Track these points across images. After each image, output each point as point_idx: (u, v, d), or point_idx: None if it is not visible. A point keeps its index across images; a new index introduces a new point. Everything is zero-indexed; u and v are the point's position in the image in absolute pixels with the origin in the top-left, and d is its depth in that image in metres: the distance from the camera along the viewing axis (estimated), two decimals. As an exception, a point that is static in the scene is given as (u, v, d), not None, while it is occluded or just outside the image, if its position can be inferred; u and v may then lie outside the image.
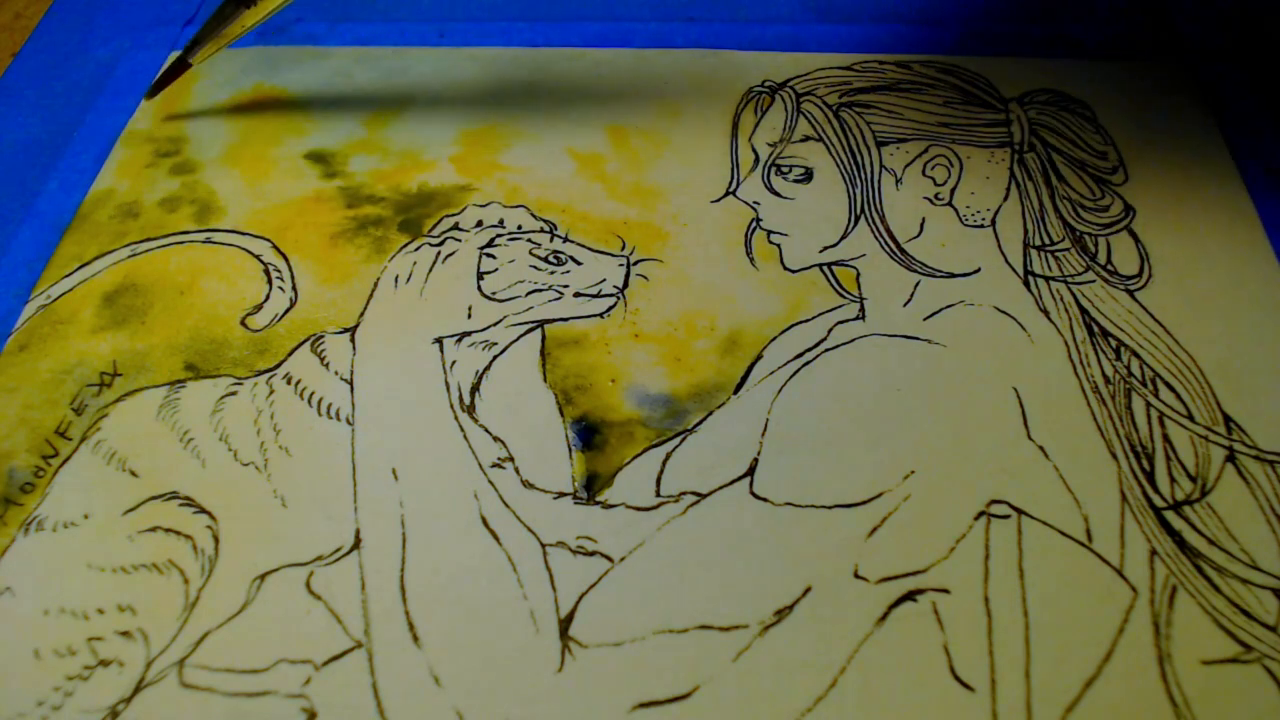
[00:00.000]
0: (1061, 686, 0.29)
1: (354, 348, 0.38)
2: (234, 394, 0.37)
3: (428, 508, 0.34)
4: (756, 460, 0.35)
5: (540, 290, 0.40)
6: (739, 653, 0.30)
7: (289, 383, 0.37)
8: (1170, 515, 0.33)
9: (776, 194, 0.43)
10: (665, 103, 0.47)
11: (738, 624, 0.31)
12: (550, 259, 0.40)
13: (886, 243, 0.41)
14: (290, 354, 0.38)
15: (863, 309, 0.39)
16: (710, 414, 0.36)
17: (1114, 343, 0.37)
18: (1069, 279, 0.39)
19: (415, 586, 0.32)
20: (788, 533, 0.33)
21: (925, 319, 0.38)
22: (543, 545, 0.33)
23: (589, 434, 0.36)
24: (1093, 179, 0.42)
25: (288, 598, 0.32)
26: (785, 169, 0.43)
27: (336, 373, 0.37)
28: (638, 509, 0.34)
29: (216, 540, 0.33)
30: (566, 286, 0.40)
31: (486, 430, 0.36)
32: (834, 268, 0.40)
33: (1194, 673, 0.30)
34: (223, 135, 0.47)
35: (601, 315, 0.39)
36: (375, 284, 0.40)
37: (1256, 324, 0.38)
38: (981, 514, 0.33)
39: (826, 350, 0.37)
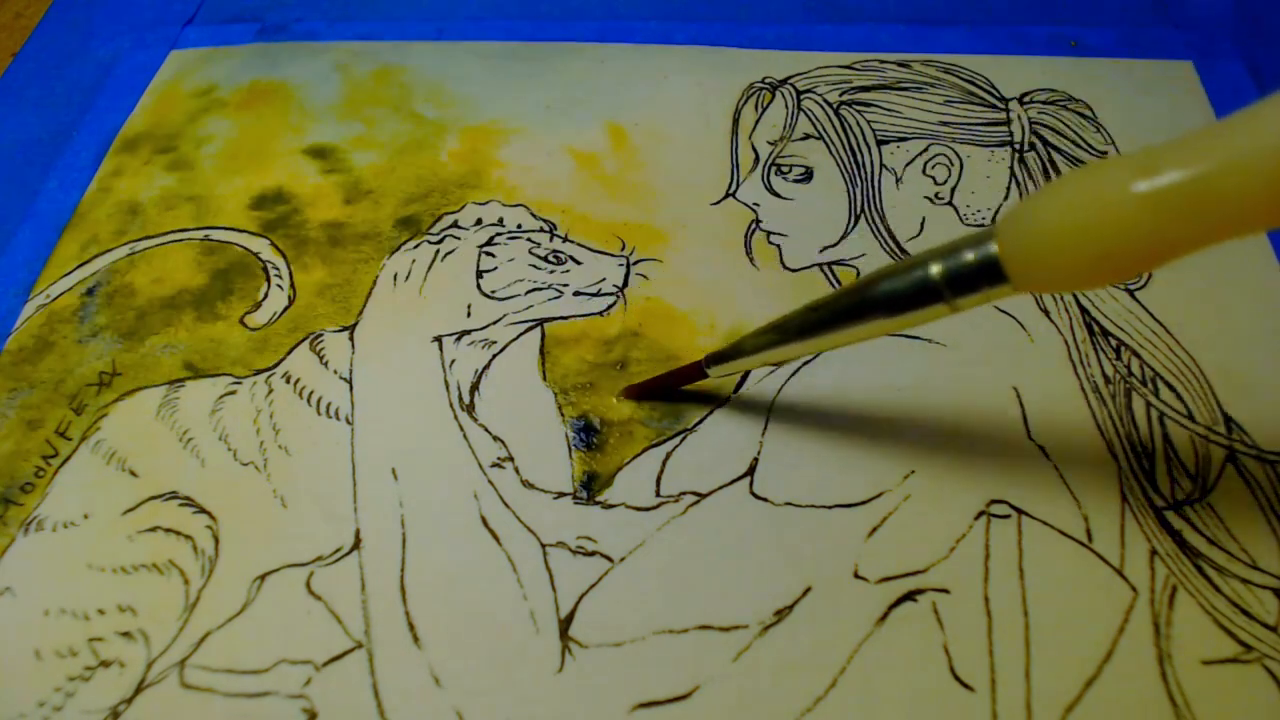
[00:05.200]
0: (1061, 686, 0.29)
1: (353, 346, 0.38)
2: (233, 393, 0.37)
3: (428, 508, 0.34)
4: (756, 460, 0.35)
5: (540, 289, 0.40)
6: (739, 653, 0.30)
7: (288, 382, 0.37)
8: (1170, 515, 0.33)
9: (776, 194, 0.43)
10: (666, 100, 0.47)
11: (738, 624, 0.31)
12: (550, 258, 0.40)
13: (886, 242, 0.41)
14: (289, 353, 0.38)
15: (863, 308, 0.39)
16: (710, 414, 0.36)
17: (1114, 343, 0.37)
18: (1069, 278, 0.39)
19: (415, 586, 0.32)
20: (788, 533, 0.33)
21: (925, 318, 0.38)
22: (543, 545, 0.33)
23: (589, 434, 0.36)
24: (1093, 178, 0.42)
25: (288, 598, 0.32)
26: (785, 169, 0.43)
27: (335, 371, 0.37)
28: (638, 509, 0.34)
29: (216, 540, 0.33)
30: (566, 285, 0.40)
31: (486, 430, 0.36)
32: (834, 268, 0.40)
33: (1194, 673, 0.30)
34: (222, 132, 0.47)
35: (601, 314, 0.39)
36: (374, 282, 0.40)
37: (1256, 324, 0.38)
38: (981, 514, 0.33)
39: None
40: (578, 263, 0.40)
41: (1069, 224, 0.23)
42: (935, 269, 0.26)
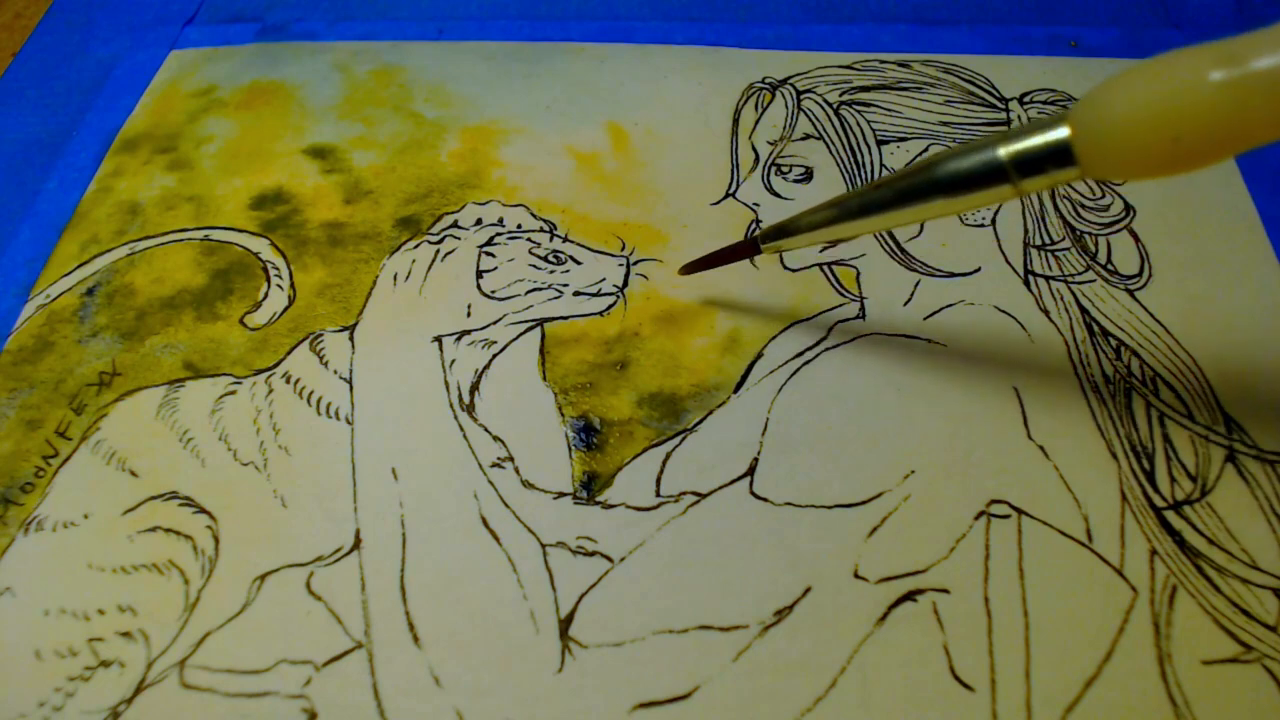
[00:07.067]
0: (1061, 686, 0.29)
1: (353, 346, 0.38)
2: (233, 393, 0.37)
3: (428, 507, 0.34)
4: (756, 460, 0.35)
5: (540, 289, 0.40)
6: (739, 653, 0.30)
7: (288, 382, 0.37)
8: (1170, 515, 0.33)
9: (776, 194, 0.43)
10: (666, 100, 0.47)
11: (738, 624, 0.31)
12: (550, 258, 0.40)
13: (886, 242, 0.41)
14: (289, 353, 0.38)
15: (863, 308, 0.39)
16: (710, 414, 0.36)
17: (1114, 342, 0.37)
18: (1069, 278, 0.39)
19: (415, 586, 0.32)
20: (788, 533, 0.33)
21: (925, 318, 0.38)
22: (543, 545, 0.33)
23: (589, 434, 0.36)
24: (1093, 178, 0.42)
25: (288, 598, 0.32)
26: (785, 169, 0.43)
27: (335, 371, 0.37)
28: (638, 509, 0.34)
29: (216, 540, 0.33)
30: (566, 285, 0.40)
31: (486, 429, 0.36)
32: (834, 267, 0.40)
33: (1194, 673, 0.30)
34: (222, 131, 0.47)
35: (601, 314, 0.39)
36: (374, 282, 0.40)
37: (1256, 324, 0.38)
38: (981, 514, 0.33)
39: (826, 350, 0.37)
40: (578, 263, 0.40)
41: (1144, 108, 0.24)
42: (1003, 150, 0.27)
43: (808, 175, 0.43)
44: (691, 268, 0.38)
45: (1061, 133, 0.26)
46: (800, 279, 0.40)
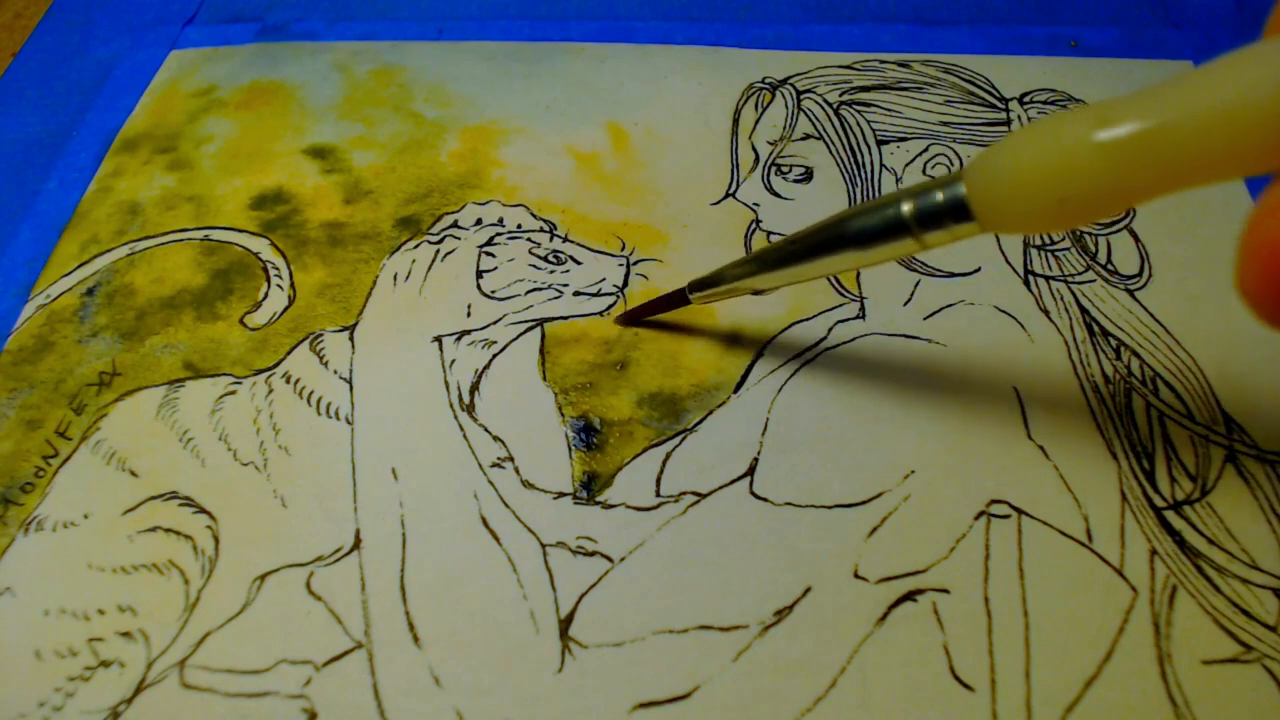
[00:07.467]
0: (1061, 686, 0.29)
1: (353, 346, 0.38)
2: (233, 393, 0.37)
3: (428, 507, 0.34)
4: (756, 460, 0.35)
5: (540, 289, 0.40)
6: (739, 653, 0.30)
7: (288, 382, 0.37)
8: (1170, 515, 0.33)
9: (776, 194, 0.43)
10: (666, 100, 0.47)
11: (738, 624, 0.31)
12: (550, 258, 0.40)
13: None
14: (289, 353, 0.38)
15: (863, 308, 0.39)
16: (710, 414, 0.36)
17: (1114, 342, 0.37)
18: (1069, 278, 0.39)
19: (415, 586, 0.32)
20: (788, 533, 0.33)
21: (925, 318, 0.38)
22: (543, 545, 0.33)
23: (589, 434, 0.36)
24: (1093, 178, 0.42)
25: (288, 598, 0.32)
26: (785, 169, 0.43)
27: (335, 371, 0.37)
28: (638, 509, 0.34)
29: (216, 540, 0.33)
30: (566, 285, 0.40)
31: (486, 429, 0.36)
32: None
33: (1194, 673, 0.30)
34: (222, 132, 0.47)
35: (601, 314, 0.39)
36: (374, 282, 0.40)
37: (1256, 324, 0.37)
38: (981, 514, 0.33)
39: (827, 350, 0.37)
40: (578, 263, 0.40)
41: (1031, 168, 0.24)
42: (906, 206, 0.27)
43: (808, 175, 0.43)
44: (627, 318, 0.39)
45: (959, 189, 0.26)
46: (800, 279, 0.40)
